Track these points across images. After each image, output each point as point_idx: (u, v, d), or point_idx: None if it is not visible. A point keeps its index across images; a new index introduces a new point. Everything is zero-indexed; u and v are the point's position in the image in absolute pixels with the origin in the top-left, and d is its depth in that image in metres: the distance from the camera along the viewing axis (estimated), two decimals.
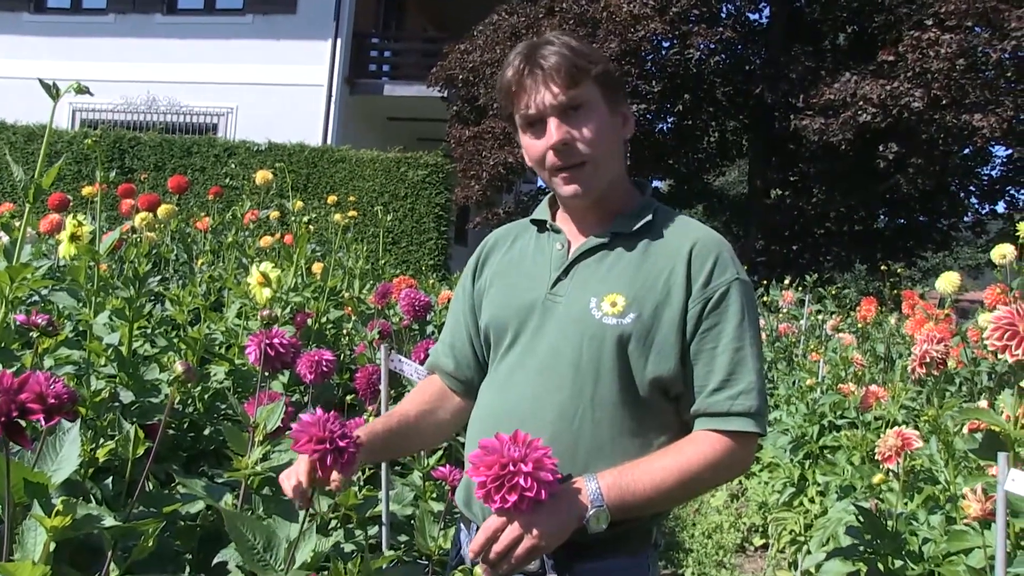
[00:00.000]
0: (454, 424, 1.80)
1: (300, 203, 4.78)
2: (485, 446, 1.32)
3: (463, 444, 3.18)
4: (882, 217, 19.42)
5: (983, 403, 2.69)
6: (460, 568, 1.33)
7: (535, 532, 1.34)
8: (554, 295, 1.58)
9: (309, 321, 3.34)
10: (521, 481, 1.28)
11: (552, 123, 1.53)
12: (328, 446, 1.32)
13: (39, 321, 1.79)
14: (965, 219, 19.07)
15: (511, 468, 1.28)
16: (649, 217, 1.60)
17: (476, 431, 1.62)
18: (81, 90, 1.99)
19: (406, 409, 1.72)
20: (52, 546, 1.32)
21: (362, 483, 2.53)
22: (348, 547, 2.13)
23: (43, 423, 1.21)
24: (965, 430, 2.48)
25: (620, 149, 1.62)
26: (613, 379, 1.50)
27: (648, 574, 1.57)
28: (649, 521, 1.55)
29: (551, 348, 1.55)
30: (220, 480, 2.19)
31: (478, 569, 1.31)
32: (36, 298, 2.94)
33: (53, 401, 1.21)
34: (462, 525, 1.72)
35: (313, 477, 1.38)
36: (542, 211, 1.72)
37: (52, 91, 1.95)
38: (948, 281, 3.84)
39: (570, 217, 1.66)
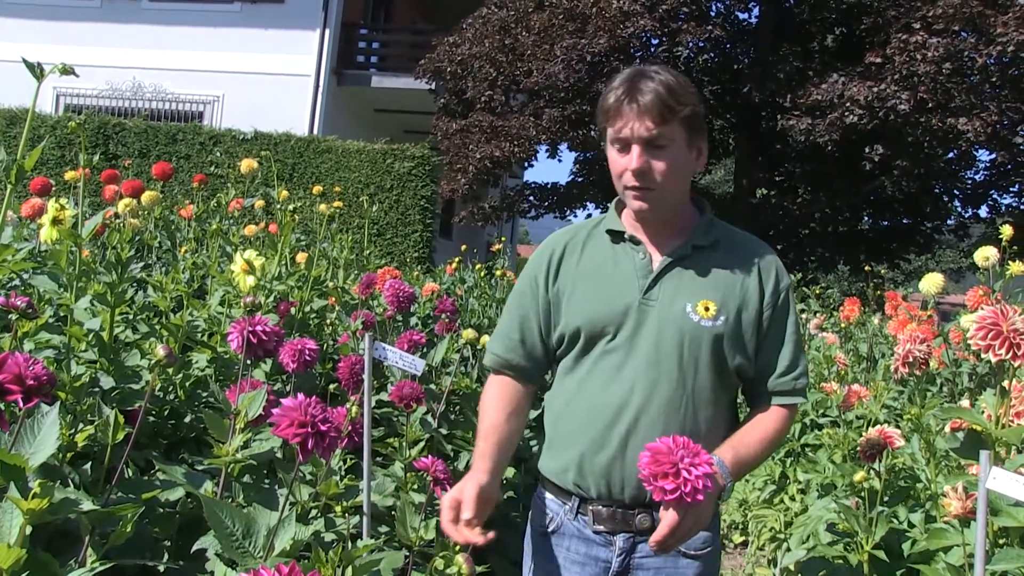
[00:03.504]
0: (528, 412, 2.02)
1: (285, 192, 4.75)
2: (654, 451, 1.53)
3: (446, 436, 3.17)
4: (866, 219, 19.51)
5: (965, 403, 2.70)
6: (442, 555, 1.33)
7: (703, 516, 1.64)
8: (647, 300, 1.83)
9: (292, 310, 3.32)
10: (704, 483, 1.51)
11: (636, 150, 1.78)
12: (310, 430, 1.31)
13: (19, 303, 1.76)
14: (948, 222, 19.19)
15: (695, 472, 1.51)
16: (718, 232, 1.91)
17: (585, 419, 1.85)
18: (66, 71, 1.97)
19: (498, 422, 1.91)
20: (28, 529, 1.31)
21: (343, 473, 2.52)
22: (328, 536, 2.12)
23: (21, 405, 1.19)
24: (947, 429, 2.49)
25: (689, 178, 1.90)
26: (709, 371, 1.81)
27: (719, 516, 1.98)
28: None
29: (654, 346, 1.80)
30: (200, 467, 2.17)
31: (459, 557, 1.31)
32: (16, 282, 2.91)
33: (32, 382, 1.20)
34: (551, 495, 1.95)
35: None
36: (613, 221, 1.95)
37: (36, 71, 1.92)
38: (931, 282, 3.85)
39: (644, 228, 1.91)
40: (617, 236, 1.93)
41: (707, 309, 1.80)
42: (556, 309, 1.92)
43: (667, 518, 1.59)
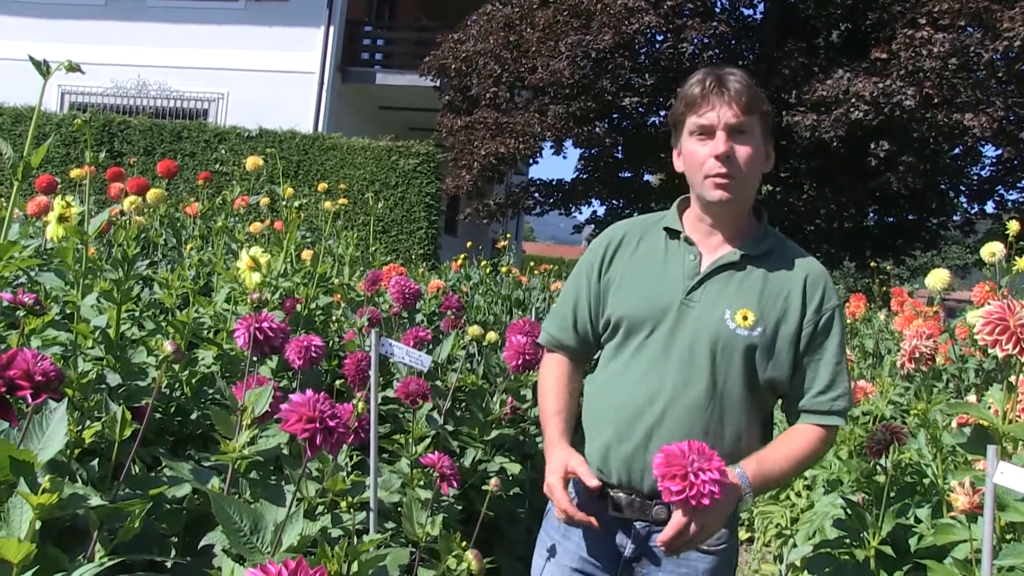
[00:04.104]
0: (581, 388, 2.08)
1: (290, 190, 4.75)
2: (668, 453, 1.59)
3: (452, 432, 3.17)
4: (872, 215, 19.44)
5: (971, 398, 2.70)
6: (454, 554, 1.33)
7: (711, 522, 1.69)
8: (689, 301, 1.87)
9: (298, 307, 3.32)
10: (710, 488, 1.56)
11: (721, 136, 1.83)
12: (318, 425, 1.31)
13: (26, 300, 1.77)
14: (954, 218, 19.12)
15: (702, 478, 1.56)
16: (771, 243, 1.93)
17: (614, 410, 1.91)
18: (72, 68, 1.97)
19: (565, 403, 1.99)
20: (38, 524, 1.31)
21: (349, 469, 2.52)
22: (335, 532, 2.12)
23: (30, 400, 1.20)
24: (953, 425, 2.49)
25: (760, 177, 1.93)
26: (739, 378, 1.83)
27: (736, 519, 1.96)
28: None
29: (689, 347, 1.84)
30: (207, 464, 2.18)
31: (469, 554, 1.31)
32: (23, 279, 2.91)
33: (41, 378, 1.20)
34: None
35: None
36: (673, 220, 1.98)
37: (42, 68, 1.93)
38: (938, 278, 3.84)
39: (702, 228, 1.95)
40: (674, 234, 1.97)
41: (745, 318, 1.83)
42: (605, 297, 1.98)
43: (674, 519, 1.66)
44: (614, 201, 19.24)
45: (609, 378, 1.95)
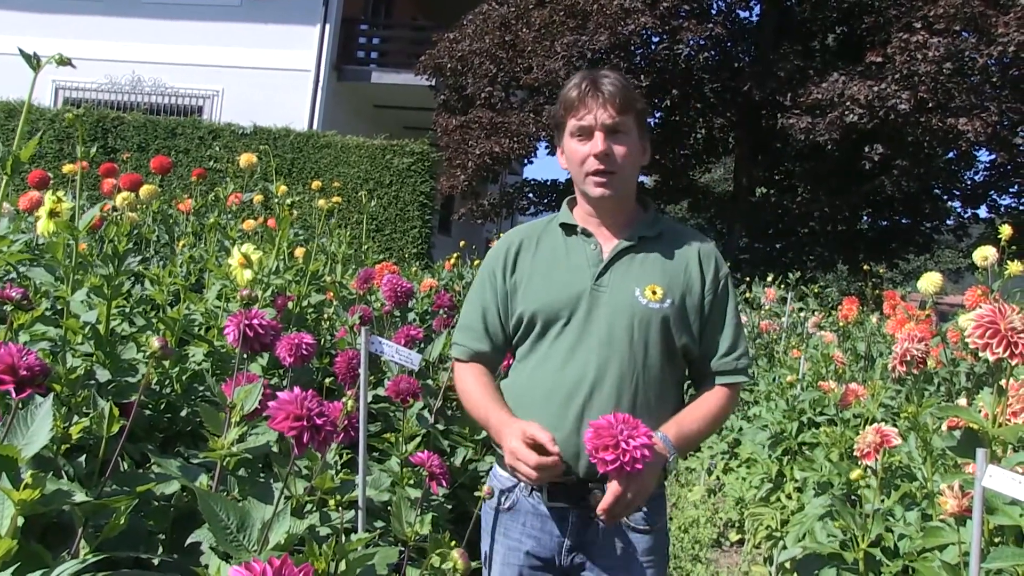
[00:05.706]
0: None
1: (284, 187, 4.73)
2: (596, 427, 1.68)
3: (443, 431, 3.16)
4: (865, 218, 19.49)
5: (962, 401, 2.70)
6: (439, 552, 1.33)
7: (645, 485, 1.80)
8: (599, 286, 1.99)
9: (290, 304, 3.31)
10: (642, 452, 1.65)
11: (599, 136, 1.97)
12: (305, 423, 1.30)
13: (13, 295, 1.75)
14: (947, 222, 19.18)
15: (632, 444, 1.64)
16: (661, 226, 2.08)
17: (543, 397, 1.97)
18: (63, 61, 1.95)
19: (494, 394, 2.06)
20: (20, 520, 1.30)
21: (340, 467, 2.51)
22: (323, 530, 2.11)
23: (14, 395, 1.19)
24: (944, 428, 2.49)
25: (639, 170, 2.09)
26: (658, 350, 1.96)
27: (665, 496, 2.12)
28: None
29: (607, 327, 1.95)
30: (196, 461, 2.17)
31: (454, 553, 1.31)
32: (13, 274, 2.90)
33: (25, 373, 1.19)
34: (507, 472, 2.04)
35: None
36: (566, 217, 2.11)
37: (32, 61, 1.91)
38: (930, 281, 3.83)
39: (593, 221, 2.08)
40: (570, 229, 2.09)
41: (654, 293, 1.96)
42: (513, 298, 2.07)
43: (611, 488, 1.75)
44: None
45: (532, 370, 2.03)
